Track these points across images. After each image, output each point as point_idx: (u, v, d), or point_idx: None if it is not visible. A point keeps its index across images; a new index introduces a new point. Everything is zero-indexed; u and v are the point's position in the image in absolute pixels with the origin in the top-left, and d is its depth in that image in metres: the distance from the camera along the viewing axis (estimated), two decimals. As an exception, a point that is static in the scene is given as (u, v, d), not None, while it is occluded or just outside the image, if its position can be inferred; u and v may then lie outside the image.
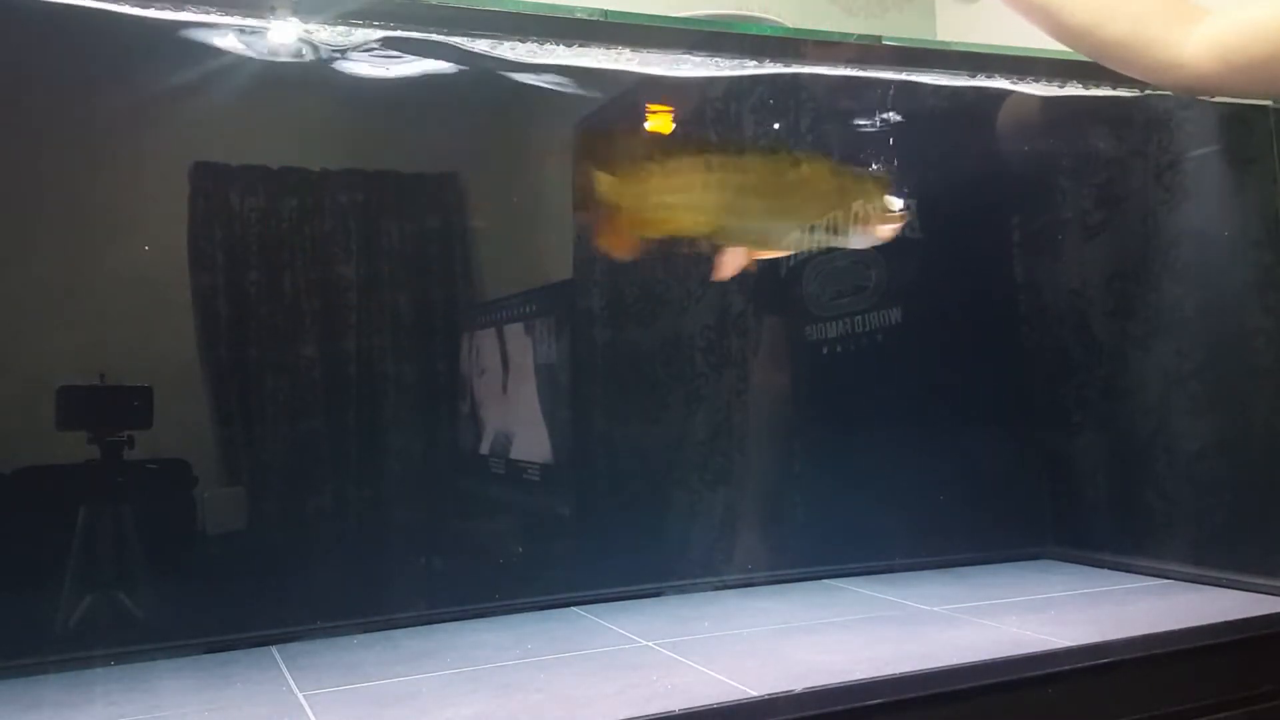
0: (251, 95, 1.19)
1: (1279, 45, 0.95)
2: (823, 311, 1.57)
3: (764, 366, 1.55)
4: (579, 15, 1.00)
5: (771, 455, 1.54)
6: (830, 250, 1.53)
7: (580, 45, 1.03)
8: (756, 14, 1.18)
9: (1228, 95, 1.08)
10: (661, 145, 1.33)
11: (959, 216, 1.58)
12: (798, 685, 0.95)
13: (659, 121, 1.46)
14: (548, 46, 1.02)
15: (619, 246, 1.18)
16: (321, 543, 1.29)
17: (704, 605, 1.33)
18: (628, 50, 1.07)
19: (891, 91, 1.52)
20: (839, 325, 1.58)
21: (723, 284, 1.53)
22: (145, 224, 1.24)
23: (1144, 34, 1.02)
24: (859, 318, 1.57)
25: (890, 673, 0.99)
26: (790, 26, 1.14)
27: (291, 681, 1.03)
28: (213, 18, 0.92)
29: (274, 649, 1.15)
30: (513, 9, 0.99)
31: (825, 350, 1.59)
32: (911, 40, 1.19)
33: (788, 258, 1.58)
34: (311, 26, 0.96)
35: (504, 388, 1.49)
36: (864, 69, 1.18)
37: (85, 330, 1.19)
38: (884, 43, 1.15)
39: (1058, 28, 1.08)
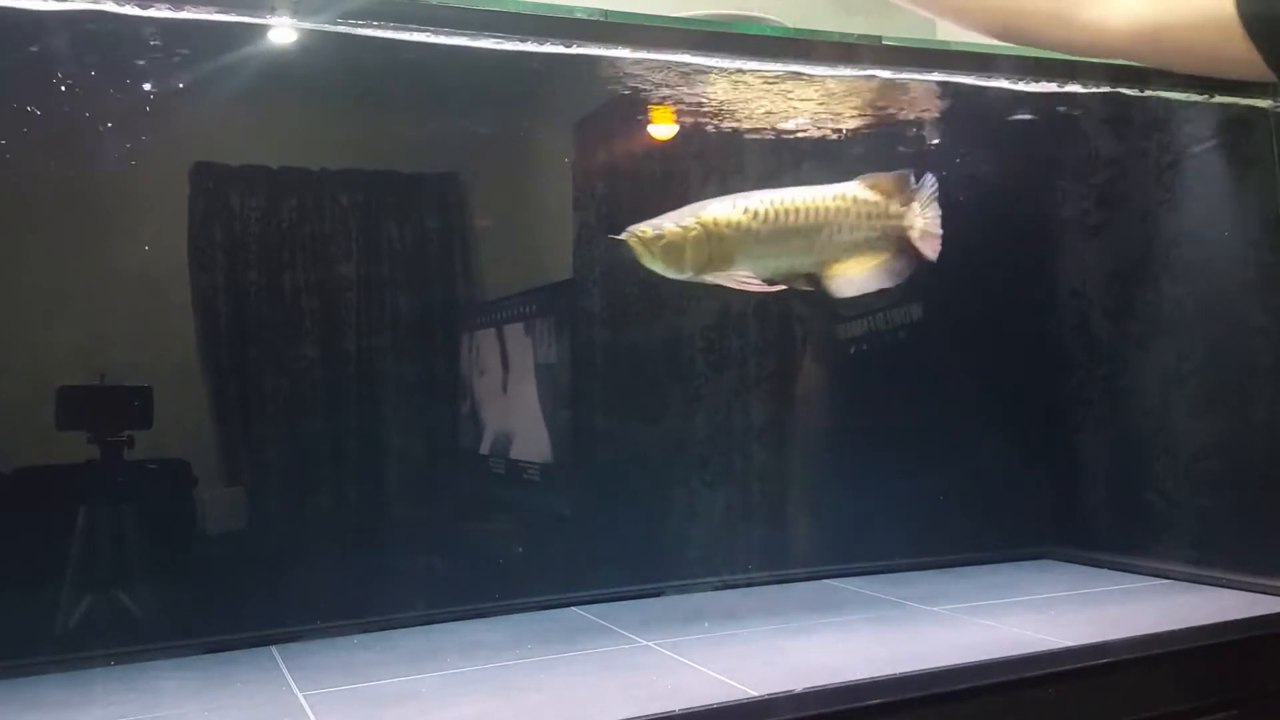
0: (252, 95, 1.19)
1: (1200, 18, 0.97)
2: (841, 310, 1.57)
3: (768, 367, 1.55)
4: (579, 15, 1.00)
5: (770, 455, 1.54)
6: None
7: (580, 45, 1.03)
8: (756, 14, 1.18)
9: (1145, 63, 1.12)
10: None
11: (961, 219, 1.58)
12: (798, 685, 0.95)
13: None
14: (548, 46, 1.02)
15: None
16: (321, 543, 1.29)
17: (704, 605, 1.33)
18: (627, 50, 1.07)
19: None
20: (842, 318, 1.58)
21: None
22: (145, 224, 1.24)
23: (1063, 12, 1.05)
24: (859, 320, 1.57)
25: (890, 672, 0.99)
26: (790, 26, 1.14)
27: (291, 681, 1.03)
28: (213, 17, 0.92)
29: (274, 649, 1.15)
30: (513, 9, 0.98)
31: (824, 351, 1.59)
32: (912, 40, 1.19)
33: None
34: (311, 26, 0.96)
35: (504, 388, 1.49)
36: (864, 69, 1.17)
37: (85, 330, 1.19)
38: (884, 43, 1.15)
39: (972, 22, 1.10)
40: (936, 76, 1.20)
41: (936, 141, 1.64)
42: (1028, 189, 1.62)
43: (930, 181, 1.12)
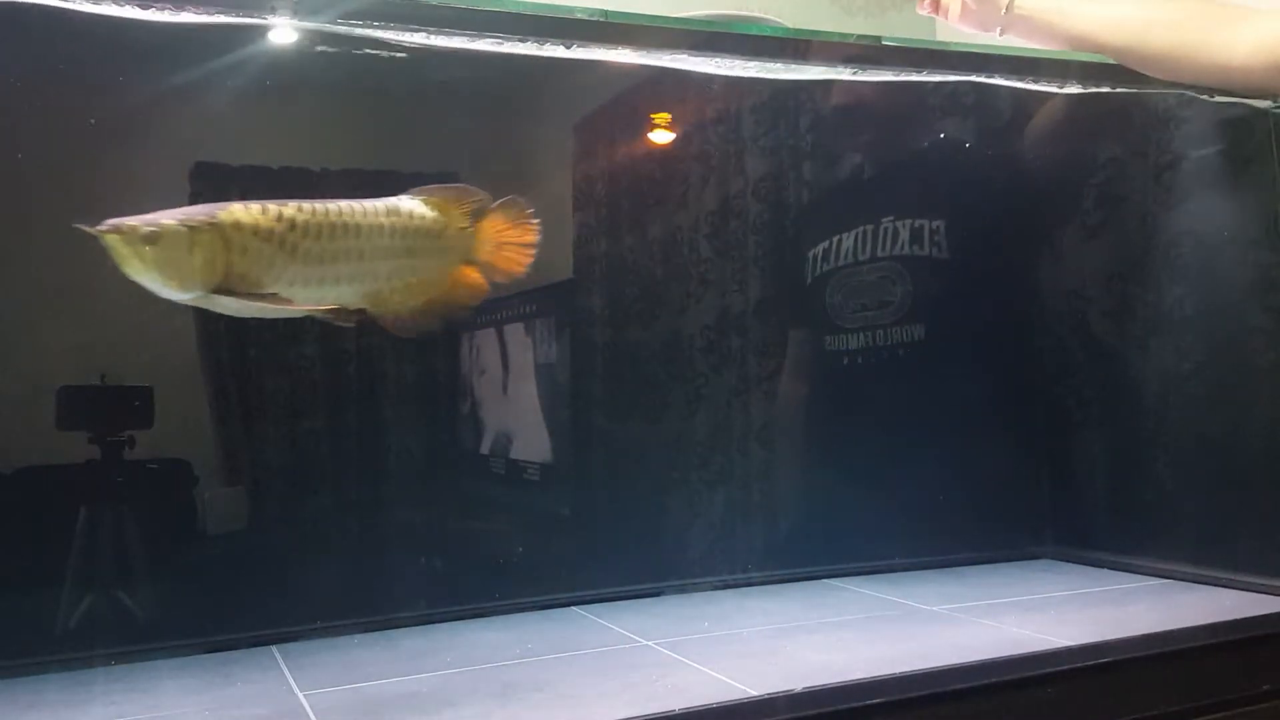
0: (252, 95, 1.19)
1: None
2: (843, 322, 1.58)
3: (769, 367, 1.55)
4: (579, 15, 1.01)
5: (771, 455, 1.54)
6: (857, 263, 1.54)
7: (580, 45, 1.03)
8: (756, 14, 1.19)
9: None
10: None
11: (965, 224, 1.58)
12: (797, 685, 0.95)
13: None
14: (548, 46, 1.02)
15: None
16: (321, 543, 1.30)
17: (704, 605, 1.33)
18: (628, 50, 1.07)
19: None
20: (840, 327, 1.58)
21: (723, 284, 1.54)
22: (146, 224, 1.24)
23: (1186, 43, 1.04)
24: (858, 319, 1.57)
25: (889, 672, 0.99)
26: (790, 26, 1.14)
27: (292, 681, 1.03)
28: (213, 18, 0.92)
29: (274, 649, 1.15)
30: (513, 9, 0.99)
31: (825, 352, 1.59)
32: (911, 40, 1.19)
33: (811, 268, 1.59)
34: (312, 26, 0.96)
35: (504, 388, 1.49)
36: (864, 70, 1.18)
37: (85, 330, 1.19)
38: (883, 43, 1.15)
39: (1098, 49, 1.09)
40: (936, 77, 1.20)
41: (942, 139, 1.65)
42: (1026, 189, 1.63)
43: (514, 200, 0.98)
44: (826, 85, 1.54)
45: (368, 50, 1.00)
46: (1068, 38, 1.16)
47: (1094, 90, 1.26)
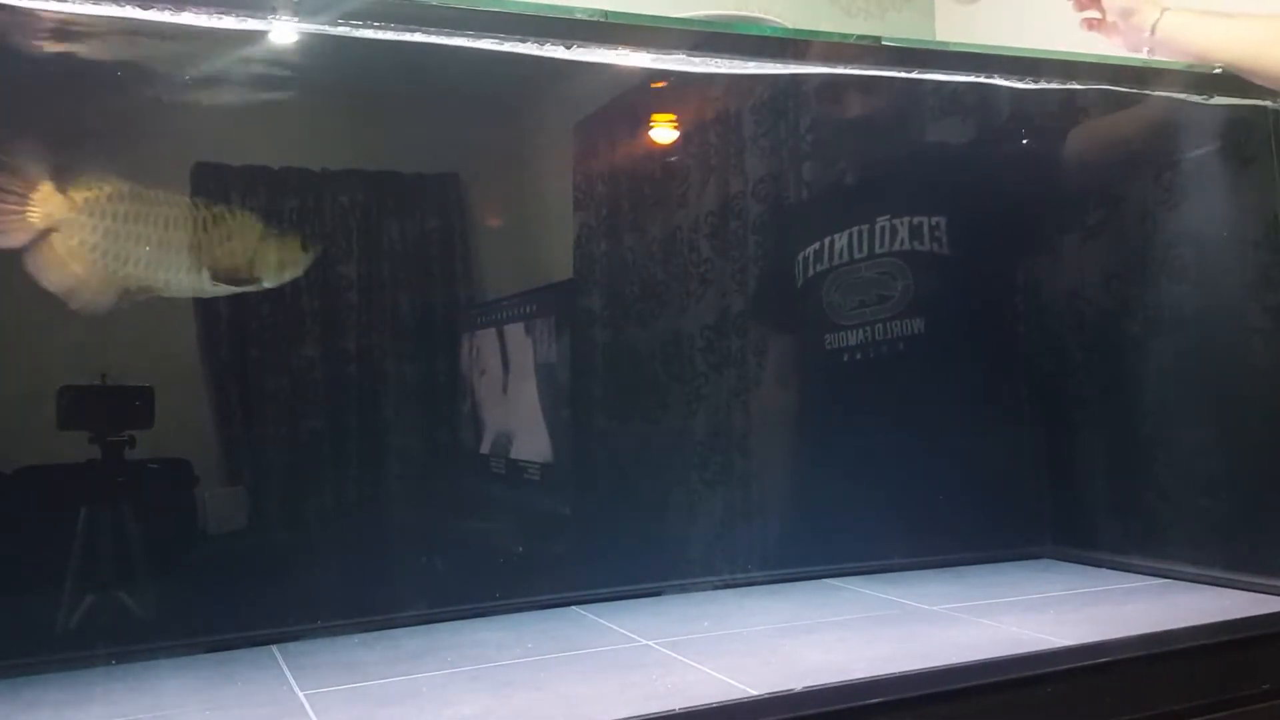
0: (252, 95, 1.19)
1: None
2: (840, 320, 1.58)
3: (767, 367, 1.55)
4: (579, 15, 1.01)
5: (770, 455, 1.54)
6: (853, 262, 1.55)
7: (580, 46, 1.03)
8: (756, 14, 1.19)
9: None
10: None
11: (964, 224, 1.58)
12: (797, 684, 0.95)
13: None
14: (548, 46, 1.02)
15: None
16: (322, 542, 1.30)
17: (704, 604, 1.33)
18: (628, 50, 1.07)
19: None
20: (841, 327, 1.58)
21: (723, 284, 1.54)
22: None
23: None
24: (858, 318, 1.57)
25: (889, 672, 0.99)
26: (790, 27, 1.14)
27: (292, 681, 1.03)
28: (213, 18, 0.92)
29: (274, 648, 1.15)
30: (513, 9, 0.99)
31: (824, 352, 1.59)
32: (911, 41, 1.19)
33: (802, 269, 1.59)
34: (312, 27, 0.96)
35: (504, 388, 1.49)
36: (864, 70, 1.18)
37: (86, 330, 1.19)
38: (883, 43, 1.15)
39: (1223, 64, 1.21)
40: (935, 76, 1.20)
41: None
42: (1026, 189, 1.63)
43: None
44: (826, 85, 1.54)
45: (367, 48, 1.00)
46: (1195, 54, 1.26)
47: (1093, 91, 1.26)
